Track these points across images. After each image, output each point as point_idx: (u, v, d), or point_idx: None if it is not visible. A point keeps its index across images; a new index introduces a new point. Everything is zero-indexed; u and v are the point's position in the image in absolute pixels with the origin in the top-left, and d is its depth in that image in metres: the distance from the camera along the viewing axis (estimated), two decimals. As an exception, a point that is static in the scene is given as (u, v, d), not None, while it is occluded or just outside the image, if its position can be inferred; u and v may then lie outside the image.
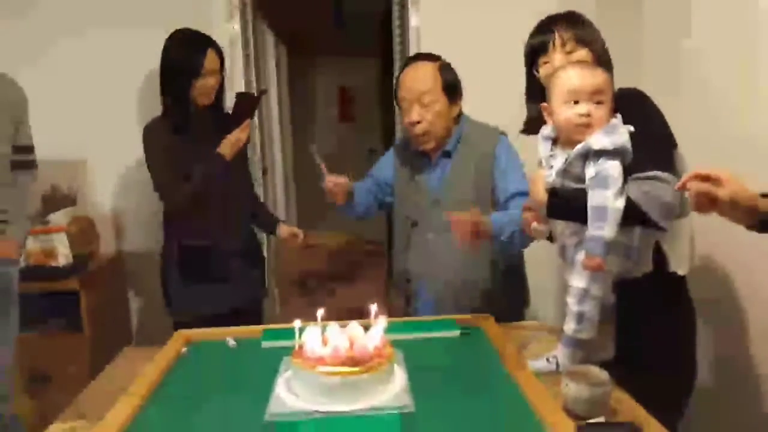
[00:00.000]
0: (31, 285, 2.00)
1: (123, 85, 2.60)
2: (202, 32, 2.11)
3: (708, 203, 1.06)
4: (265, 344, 1.52)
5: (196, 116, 2.08)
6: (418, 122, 1.78)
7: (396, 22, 3.00)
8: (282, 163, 4.55)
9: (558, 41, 1.47)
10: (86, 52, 2.59)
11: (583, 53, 1.45)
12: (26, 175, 1.98)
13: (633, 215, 1.27)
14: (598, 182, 1.24)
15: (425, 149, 1.84)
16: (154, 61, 2.11)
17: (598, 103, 1.29)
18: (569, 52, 1.46)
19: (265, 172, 3.59)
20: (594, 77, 1.30)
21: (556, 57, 1.47)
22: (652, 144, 1.32)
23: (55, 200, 2.50)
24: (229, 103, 2.22)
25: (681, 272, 1.44)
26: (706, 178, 1.05)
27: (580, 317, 1.31)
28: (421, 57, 1.88)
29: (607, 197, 1.22)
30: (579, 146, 1.28)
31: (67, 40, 2.57)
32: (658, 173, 1.28)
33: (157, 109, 2.12)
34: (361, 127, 6.50)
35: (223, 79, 2.14)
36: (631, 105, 1.36)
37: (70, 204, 2.52)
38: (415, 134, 1.81)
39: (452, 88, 1.83)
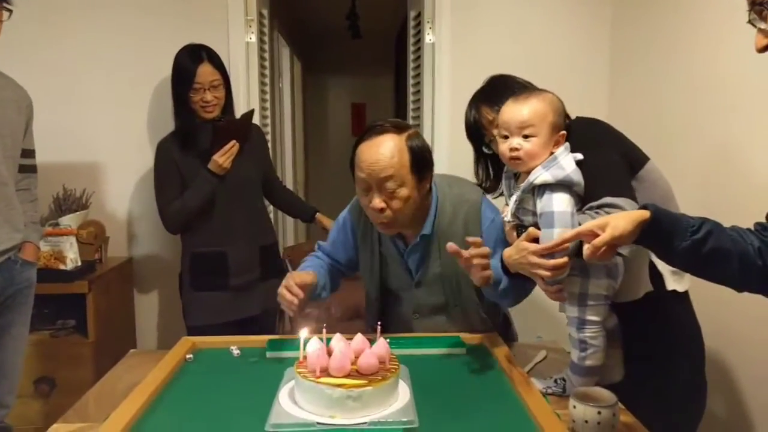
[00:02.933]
0: (39, 287, 2.00)
1: (141, 90, 2.63)
2: (206, 46, 2.15)
3: (598, 254, 1.08)
4: (270, 354, 1.51)
5: (202, 131, 2.11)
6: (381, 210, 1.47)
7: (411, 40, 3.02)
8: (293, 175, 4.57)
9: (485, 122, 1.54)
10: (104, 57, 2.62)
11: None
12: (33, 179, 1.99)
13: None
14: (544, 221, 1.25)
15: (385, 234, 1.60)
16: (170, 70, 2.16)
17: (527, 136, 1.29)
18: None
19: (276, 183, 3.60)
20: (521, 111, 1.30)
21: (495, 133, 1.47)
22: (603, 170, 1.32)
23: (67, 203, 2.51)
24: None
25: (680, 289, 1.43)
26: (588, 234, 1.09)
27: (582, 344, 1.30)
28: (385, 129, 1.47)
29: (552, 236, 1.21)
30: (524, 183, 1.29)
31: (86, 46, 2.60)
32: (609, 199, 1.26)
33: (169, 114, 2.20)
34: (372, 142, 6.52)
35: (227, 93, 2.18)
36: (583, 133, 1.37)
37: (81, 207, 2.54)
38: (378, 222, 1.52)
39: (422, 164, 1.49)
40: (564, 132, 1.31)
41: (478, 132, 1.59)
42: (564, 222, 1.22)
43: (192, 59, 2.10)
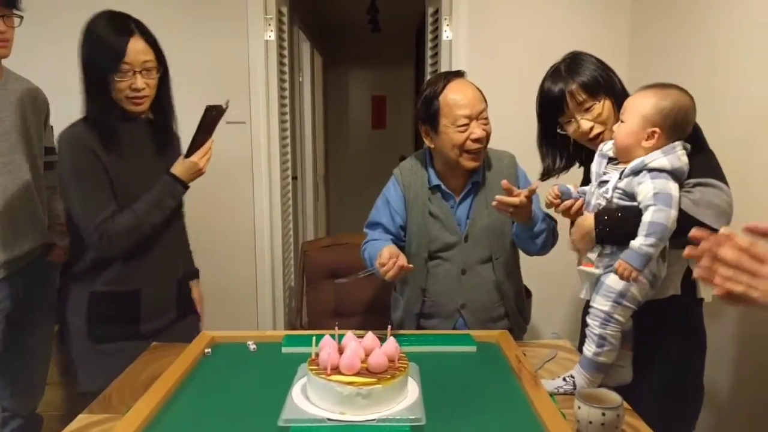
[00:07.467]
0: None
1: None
2: (130, 15, 1.62)
3: None
4: (285, 350, 1.56)
5: (127, 127, 1.62)
6: (479, 139, 1.65)
7: (429, 36, 3.03)
8: (312, 169, 4.62)
9: (572, 103, 1.48)
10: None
11: (598, 106, 1.47)
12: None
13: (686, 225, 1.26)
14: (662, 199, 1.24)
15: (470, 168, 1.70)
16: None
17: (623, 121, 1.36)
18: (587, 109, 1.47)
19: (295, 178, 3.66)
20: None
21: (578, 117, 1.48)
22: (702, 158, 1.35)
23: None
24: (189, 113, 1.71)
25: (707, 298, 1.44)
26: None
27: (602, 340, 1.31)
28: (461, 74, 1.72)
29: (669, 217, 1.23)
30: (635, 161, 1.30)
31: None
32: (705, 179, 1.29)
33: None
34: (392, 134, 6.59)
35: (162, 81, 1.65)
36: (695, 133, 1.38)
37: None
38: (474, 151, 1.66)
39: None
40: (655, 130, 1.31)
41: (555, 106, 1.51)
42: (677, 207, 1.25)
43: (118, 31, 1.54)
